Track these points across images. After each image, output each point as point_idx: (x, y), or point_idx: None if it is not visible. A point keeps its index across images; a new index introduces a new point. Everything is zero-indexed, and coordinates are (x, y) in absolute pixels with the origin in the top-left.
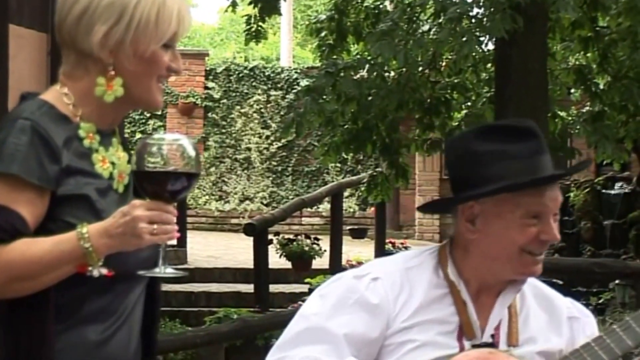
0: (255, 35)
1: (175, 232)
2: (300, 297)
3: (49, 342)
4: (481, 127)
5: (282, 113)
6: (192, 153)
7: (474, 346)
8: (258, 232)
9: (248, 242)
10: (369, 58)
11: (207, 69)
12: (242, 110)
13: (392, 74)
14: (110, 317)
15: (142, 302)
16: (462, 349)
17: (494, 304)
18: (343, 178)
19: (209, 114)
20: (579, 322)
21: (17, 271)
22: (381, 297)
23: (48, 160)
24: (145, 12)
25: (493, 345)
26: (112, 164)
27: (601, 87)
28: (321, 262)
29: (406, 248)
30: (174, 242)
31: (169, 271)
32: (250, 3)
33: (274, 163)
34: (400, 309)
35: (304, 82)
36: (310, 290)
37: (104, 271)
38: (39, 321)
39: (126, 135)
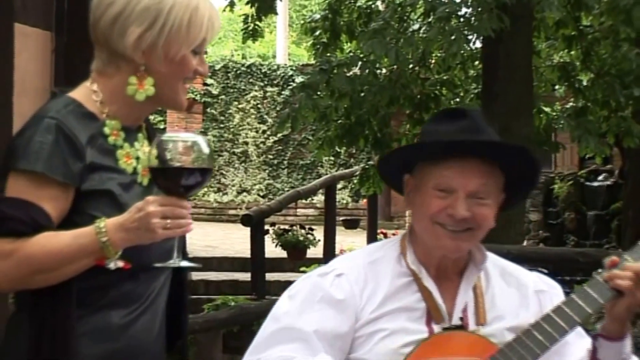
0: (252, 33)
1: (190, 225)
2: None
3: (71, 328)
4: (437, 112)
5: (278, 108)
6: (206, 150)
7: (444, 329)
8: (255, 223)
9: (245, 232)
10: (361, 56)
11: None
12: (240, 106)
13: (384, 71)
14: (134, 302)
15: (167, 289)
16: (431, 332)
17: (458, 286)
18: (336, 171)
19: (208, 110)
20: (545, 294)
21: (39, 264)
22: (346, 292)
23: (72, 158)
24: (179, 17)
25: (462, 326)
26: (137, 158)
27: (584, 83)
28: (315, 251)
29: None
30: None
31: (183, 263)
32: (247, 3)
33: (270, 156)
34: (366, 302)
35: (299, 79)
36: None
37: (120, 264)
38: (61, 308)
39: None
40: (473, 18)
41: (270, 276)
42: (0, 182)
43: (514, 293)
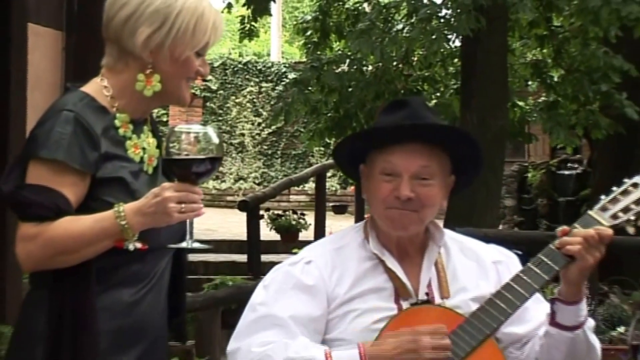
0: (248, 33)
1: (201, 209)
2: None
3: (91, 304)
4: (388, 102)
5: (272, 103)
6: (216, 140)
7: (413, 304)
8: (251, 208)
9: (242, 217)
10: (349, 54)
11: None
12: (237, 100)
13: (370, 68)
14: (142, 281)
15: (169, 270)
16: (400, 309)
17: (421, 264)
18: (326, 160)
19: (207, 104)
20: (502, 264)
21: (62, 246)
22: (316, 277)
23: (89, 147)
24: (185, 21)
25: (429, 301)
26: (143, 149)
27: (555, 79)
28: (307, 234)
29: None
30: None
31: (195, 245)
32: (244, 5)
33: (265, 147)
34: (335, 285)
35: (291, 75)
36: None
37: (139, 245)
38: (82, 286)
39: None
40: (452, 19)
41: (265, 257)
42: (20, 169)
43: (474, 265)
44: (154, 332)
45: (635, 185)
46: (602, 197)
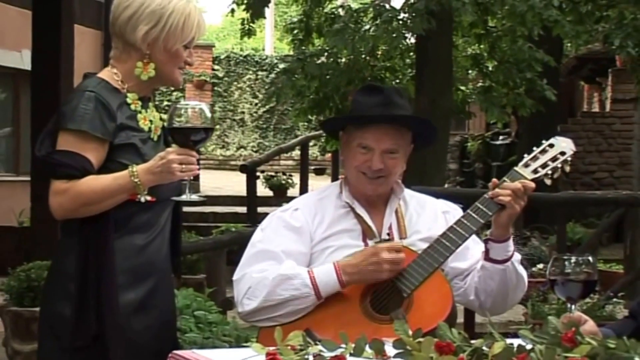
0: (247, 32)
1: (197, 170)
2: None
3: (111, 247)
4: (364, 85)
5: (266, 87)
6: (209, 114)
7: (377, 242)
8: (249, 171)
9: (242, 177)
10: (327, 49)
11: (214, 56)
12: (238, 85)
13: (343, 60)
14: (150, 228)
15: (170, 219)
16: (366, 246)
17: (384, 212)
18: (309, 133)
19: (215, 88)
20: (449, 213)
21: (86, 198)
22: (301, 221)
23: (107, 120)
24: (176, 20)
25: (389, 240)
26: (150, 121)
27: (490, 69)
28: (293, 191)
29: None
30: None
31: (193, 197)
32: (244, 9)
33: (261, 122)
34: (317, 226)
35: (281, 66)
36: None
37: (148, 198)
38: (103, 233)
39: (157, 103)
40: (409, 21)
41: (260, 209)
42: (52, 139)
43: (427, 214)
44: (159, 271)
45: (551, 145)
46: (525, 155)
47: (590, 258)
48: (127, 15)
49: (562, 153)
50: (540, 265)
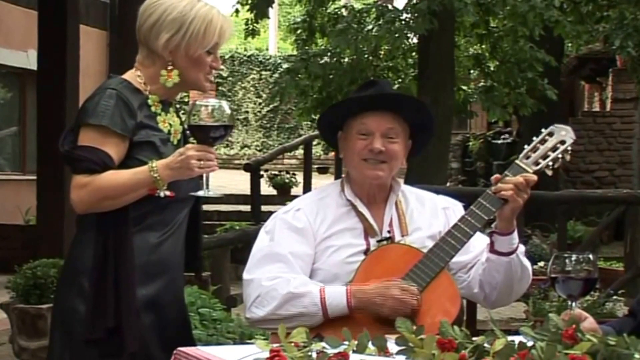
0: (251, 32)
1: (216, 166)
2: None
3: (129, 243)
4: (360, 84)
5: (270, 87)
6: (228, 111)
7: (378, 241)
8: (253, 169)
9: (246, 176)
10: (330, 49)
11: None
12: (242, 85)
13: (346, 59)
14: (165, 227)
15: (187, 219)
16: (368, 244)
17: (384, 209)
18: (312, 132)
19: (219, 87)
20: (449, 209)
21: (106, 192)
22: (304, 221)
23: (128, 117)
24: (197, 27)
25: (391, 238)
26: (170, 124)
27: (492, 68)
28: (297, 190)
29: None
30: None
31: (210, 193)
32: (248, 10)
33: (265, 121)
34: (319, 226)
35: (285, 65)
36: None
37: (168, 193)
38: (122, 228)
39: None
40: (411, 21)
41: (264, 208)
42: (74, 134)
43: (427, 210)
44: (172, 269)
45: (550, 134)
46: (525, 146)
47: (590, 256)
48: (150, 23)
49: (562, 142)
50: (541, 263)
